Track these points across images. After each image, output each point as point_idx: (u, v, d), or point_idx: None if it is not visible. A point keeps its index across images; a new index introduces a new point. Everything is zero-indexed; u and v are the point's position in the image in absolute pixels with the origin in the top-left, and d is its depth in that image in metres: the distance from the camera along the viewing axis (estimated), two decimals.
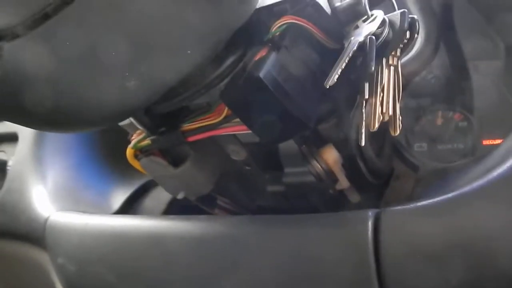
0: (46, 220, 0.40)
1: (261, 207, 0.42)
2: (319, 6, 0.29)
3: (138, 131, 0.38)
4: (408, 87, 0.34)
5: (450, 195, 0.23)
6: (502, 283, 0.22)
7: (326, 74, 0.27)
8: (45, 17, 0.22)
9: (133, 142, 0.37)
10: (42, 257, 0.40)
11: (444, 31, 0.41)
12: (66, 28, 0.22)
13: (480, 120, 0.41)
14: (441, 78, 0.46)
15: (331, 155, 0.32)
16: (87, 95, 0.24)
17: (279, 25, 0.30)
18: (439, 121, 0.43)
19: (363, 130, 0.25)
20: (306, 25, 0.30)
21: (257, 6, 0.30)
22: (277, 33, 0.30)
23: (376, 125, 0.25)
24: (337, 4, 0.30)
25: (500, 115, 0.39)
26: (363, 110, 0.25)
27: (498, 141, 0.40)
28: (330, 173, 0.32)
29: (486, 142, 0.41)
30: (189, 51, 0.26)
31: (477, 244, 0.22)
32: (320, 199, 0.36)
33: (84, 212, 0.41)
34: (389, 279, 0.23)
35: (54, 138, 0.49)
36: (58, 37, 0.22)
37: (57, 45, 0.22)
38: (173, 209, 0.44)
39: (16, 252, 0.45)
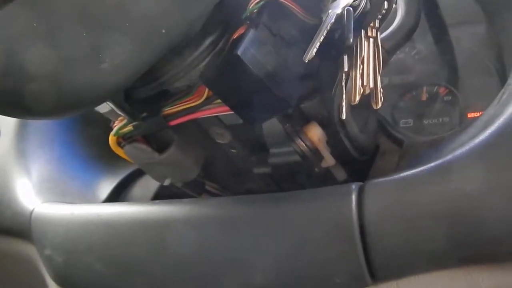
0: (32, 212, 0.39)
1: (249, 190, 0.41)
2: None
3: (120, 118, 0.37)
4: (391, 62, 0.33)
5: (433, 164, 0.23)
6: (489, 246, 0.22)
7: (306, 50, 0.26)
8: None
9: (115, 129, 0.37)
10: (29, 250, 0.40)
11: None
12: (33, 8, 0.21)
13: (465, 93, 0.41)
14: (425, 53, 0.46)
15: (315, 133, 0.32)
16: (60, 77, 0.24)
17: (256, 2, 0.29)
18: (424, 97, 0.43)
19: (344, 104, 0.25)
20: (284, 1, 0.29)
21: None
22: (255, 10, 0.30)
23: (357, 98, 0.25)
24: None
25: (483, 87, 0.39)
26: (343, 84, 0.25)
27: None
28: (315, 151, 0.32)
29: (471, 115, 0.41)
30: (163, 30, 0.25)
31: (462, 210, 0.22)
32: (307, 178, 0.36)
33: (71, 203, 0.41)
34: (375, 251, 0.23)
35: (37, 131, 0.48)
36: (26, 17, 0.21)
37: (25, 26, 0.22)
38: (161, 196, 0.44)
39: (3, 246, 0.44)
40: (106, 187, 0.46)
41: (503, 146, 0.22)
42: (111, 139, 0.37)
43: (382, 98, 0.26)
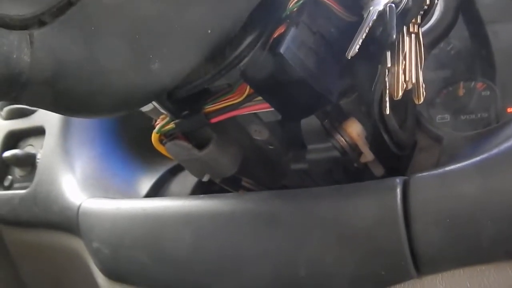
0: (79, 207, 0.41)
1: (285, 186, 0.42)
2: None
3: (162, 116, 0.38)
4: (428, 58, 0.33)
5: (478, 158, 0.23)
6: None
7: (345, 48, 0.27)
8: (69, 3, 0.22)
9: (157, 127, 0.38)
10: (77, 243, 0.42)
11: None
12: (89, 14, 0.22)
13: (503, 88, 0.41)
14: (460, 48, 0.45)
15: (354, 128, 0.32)
16: (114, 79, 0.25)
17: (296, 0, 0.30)
18: (461, 92, 0.43)
19: (387, 99, 0.25)
20: None
21: None
22: (295, 9, 0.30)
23: (400, 93, 0.25)
24: None
25: None
26: (386, 79, 0.25)
27: None
28: (354, 146, 0.32)
29: (511, 109, 0.40)
30: (209, 31, 0.26)
31: (507, 205, 0.22)
32: (344, 174, 0.36)
33: (114, 198, 0.42)
34: (420, 244, 0.23)
35: (79, 130, 0.50)
36: (82, 23, 0.23)
37: (82, 31, 0.23)
38: (199, 192, 0.45)
39: (51, 241, 0.46)
40: (146, 183, 0.47)
41: None
42: (154, 136, 0.38)
43: (424, 93, 0.26)
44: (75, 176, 0.46)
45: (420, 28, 0.27)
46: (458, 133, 0.35)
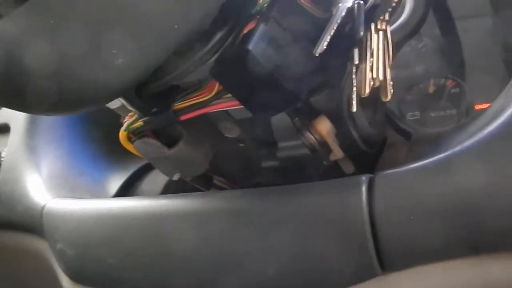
0: (43, 208, 0.40)
1: (257, 184, 0.42)
2: None
3: (130, 114, 0.37)
4: (399, 55, 0.34)
5: (442, 155, 0.23)
6: (495, 239, 0.22)
7: (315, 44, 0.26)
8: None
9: (125, 125, 0.37)
10: (41, 245, 0.41)
11: None
12: (49, 6, 0.22)
13: (472, 85, 0.41)
14: (431, 46, 0.46)
15: (324, 126, 0.32)
16: (76, 75, 0.24)
17: None
18: (431, 89, 0.43)
19: (354, 96, 0.25)
20: None
21: None
22: (265, 5, 0.30)
23: (367, 91, 0.25)
24: None
25: (491, 79, 0.40)
26: (354, 77, 0.25)
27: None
28: (323, 144, 0.32)
29: (478, 107, 0.41)
30: (176, 26, 0.26)
31: (470, 201, 0.22)
32: (315, 172, 0.36)
33: (81, 198, 0.41)
34: (385, 241, 0.23)
35: (47, 127, 0.49)
36: (41, 16, 0.22)
37: (41, 24, 0.22)
38: (170, 190, 0.44)
39: (15, 242, 0.45)
40: (116, 182, 0.46)
41: (510, 139, 0.22)
42: (122, 134, 0.37)
43: (392, 90, 0.26)
44: (41, 175, 0.44)
45: (388, 25, 0.27)
46: (426, 129, 0.35)
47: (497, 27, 0.38)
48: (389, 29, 0.27)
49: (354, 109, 0.25)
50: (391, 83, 0.26)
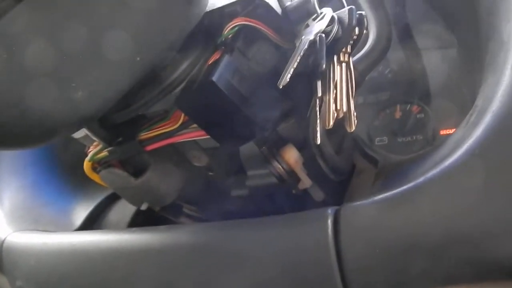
0: (3, 242, 0.38)
1: (228, 212, 0.41)
2: (269, 7, 0.29)
3: (95, 143, 0.36)
4: (364, 83, 0.34)
5: (405, 187, 0.23)
6: (460, 269, 0.22)
7: (281, 74, 0.26)
8: None
9: (90, 155, 0.36)
10: (1, 281, 0.39)
11: (397, 24, 0.42)
12: (8, 42, 0.21)
13: (437, 111, 0.42)
14: (398, 71, 0.47)
15: (291, 155, 0.32)
16: (33, 107, 0.23)
17: (231, 27, 0.30)
18: (398, 115, 0.44)
19: (318, 128, 0.25)
20: (258, 26, 0.30)
21: (208, 9, 0.30)
22: (230, 36, 0.30)
23: (331, 123, 0.25)
24: (287, 3, 0.30)
25: (455, 105, 0.40)
26: (317, 109, 0.25)
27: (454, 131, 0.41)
28: (292, 173, 0.32)
29: (443, 132, 0.42)
30: (138, 58, 0.25)
31: (433, 233, 0.22)
32: (285, 200, 0.36)
33: (44, 231, 0.40)
34: (352, 276, 0.23)
35: (10, 157, 0.47)
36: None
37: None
38: (139, 221, 0.43)
39: None
40: (81, 212, 0.45)
41: (471, 169, 0.22)
42: (86, 164, 0.37)
43: (356, 121, 0.26)
44: (2, 207, 0.42)
45: (351, 57, 0.28)
46: (393, 156, 0.35)
47: (461, 57, 0.39)
48: (351, 60, 0.28)
49: (319, 141, 0.25)
50: (355, 113, 0.26)
